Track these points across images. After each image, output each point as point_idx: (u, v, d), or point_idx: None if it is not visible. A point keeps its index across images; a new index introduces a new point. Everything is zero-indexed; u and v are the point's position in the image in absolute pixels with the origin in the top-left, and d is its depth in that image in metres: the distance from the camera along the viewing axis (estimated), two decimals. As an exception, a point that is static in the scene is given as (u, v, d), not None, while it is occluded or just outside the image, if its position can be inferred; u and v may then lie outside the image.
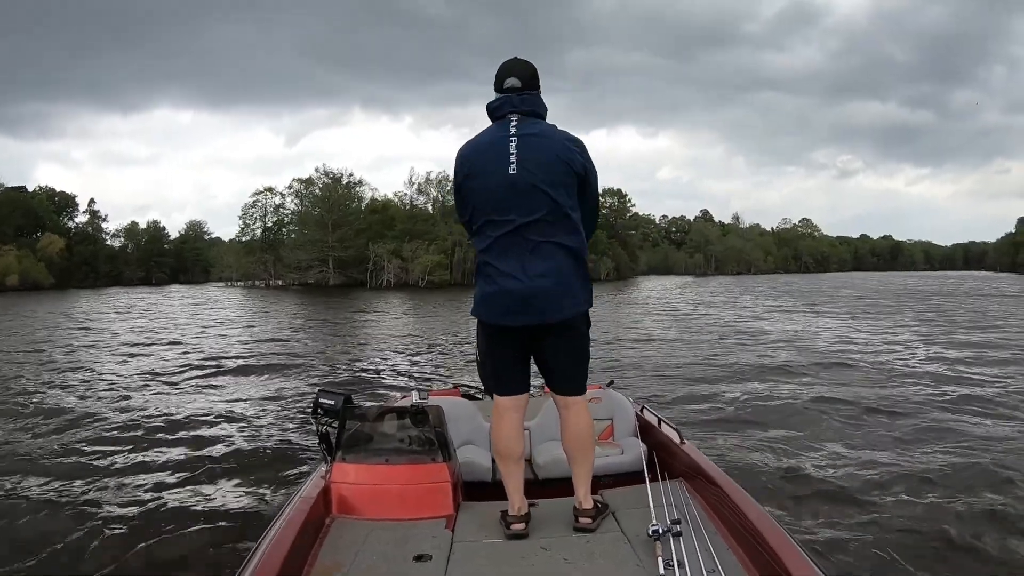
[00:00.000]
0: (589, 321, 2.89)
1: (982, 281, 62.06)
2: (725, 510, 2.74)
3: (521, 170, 2.66)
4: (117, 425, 7.57)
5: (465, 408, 3.99)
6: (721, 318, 23.21)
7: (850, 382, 9.94)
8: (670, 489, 3.01)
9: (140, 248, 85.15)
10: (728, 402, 8.65)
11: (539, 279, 2.66)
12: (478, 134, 2.86)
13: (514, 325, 2.75)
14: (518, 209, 2.66)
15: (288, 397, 9.40)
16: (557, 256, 2.69)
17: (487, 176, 2.72)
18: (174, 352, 14.97)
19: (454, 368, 11.95)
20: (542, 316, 2.70)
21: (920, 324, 19.37)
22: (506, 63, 2.89)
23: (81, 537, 4.42)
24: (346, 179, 74.61)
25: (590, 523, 2.74)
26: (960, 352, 12.98)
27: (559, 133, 2.78)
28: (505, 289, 2.70)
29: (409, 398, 3.68)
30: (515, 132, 2.71)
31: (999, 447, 6.24)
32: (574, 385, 2.88)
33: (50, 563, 4.11)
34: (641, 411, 4.18)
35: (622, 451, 3.73)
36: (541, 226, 2.67)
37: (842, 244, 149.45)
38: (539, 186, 2.65)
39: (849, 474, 5.53)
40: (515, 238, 2.68)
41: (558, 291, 2.69)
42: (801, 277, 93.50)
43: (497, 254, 2.72)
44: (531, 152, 2.67)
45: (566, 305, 2.72)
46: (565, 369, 2.84)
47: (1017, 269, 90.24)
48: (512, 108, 2.79)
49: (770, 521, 2.49)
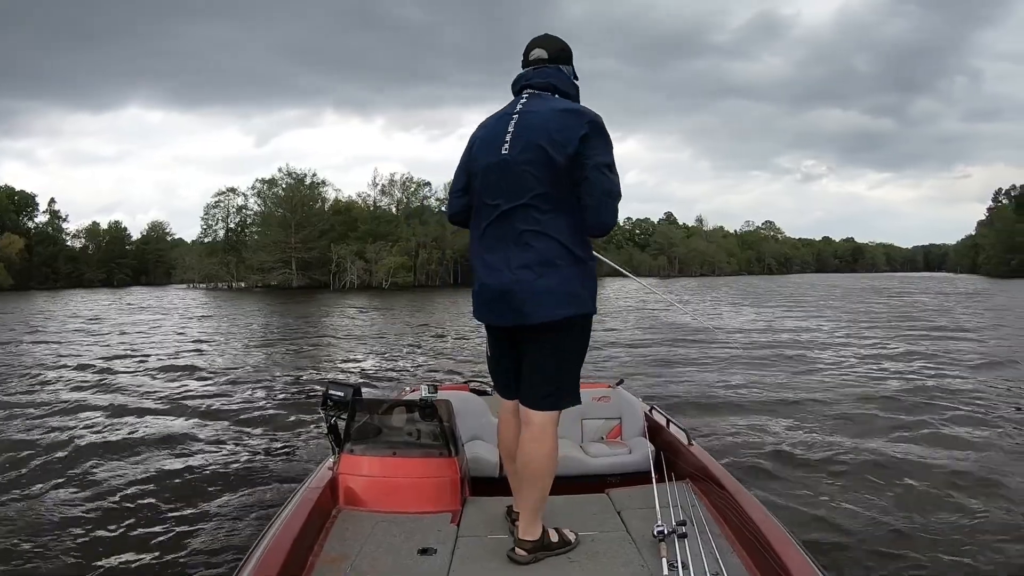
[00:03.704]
0: (584, 329, 2.51)
1: (947, 283, 61.42)
2: (731, 512, 2.70)
3: (512, 150, 2.40)
4: (111, 427, 7.44)
5: (474, 403, 3.94)
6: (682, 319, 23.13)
7: (855, 385, 9.73)
8: (676, 490, 3.00)
9: (101, 249, 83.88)
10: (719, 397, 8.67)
11: (521, 272, 2.37)
12: (496, 112, 2.62)
13: (493, 324, 2.57)
14: (506, 193, 2.41)
15: (294, 391, 9.46)
16: (543, 248, 2.37)
17: (484, 157, 2.48)
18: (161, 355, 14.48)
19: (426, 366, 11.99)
20: (520, 316, 2.40)
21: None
22: (535, 38, 2.64)
23: (83, 528, 4.44)
24: (309, 179, 74.06)
25: (524, 556, 2.44)
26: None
27: (560, 105, 2.46)
28: (485, 284, 2.48)
29: (418, 392, 3.66)
30: (519, 109, 2.47)
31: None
32: (541, 398, 2.48)
33: (55, 556, 4.08)
34: (650, 411, 4.15)
35: (630, 451, 3.71)
36: (528, 212, 2.38)
37: (805, 246, 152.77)
38: (527, 167, 2.37)
39: (861, 480, 5.42)
40: (501, 225, 2.43)
41: (542, 288, 2.36)
42: (764, 279, 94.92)
43: (484, 244, 2.49)
44: (524, 131, 2.41)
45: (548, 304, 2.36)
46: (537, 378, 2.48)
47: (977, 271, 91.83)
48: (526, 82, 2.56)
49: (776, 525, 2.47)
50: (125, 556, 4.04)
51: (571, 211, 2.38)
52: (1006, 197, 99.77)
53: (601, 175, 2.35)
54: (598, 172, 2.34)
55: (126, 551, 4.10)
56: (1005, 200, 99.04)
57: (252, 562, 2.22)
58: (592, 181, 2.34)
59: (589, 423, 4.01)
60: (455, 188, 2.66)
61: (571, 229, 2.39)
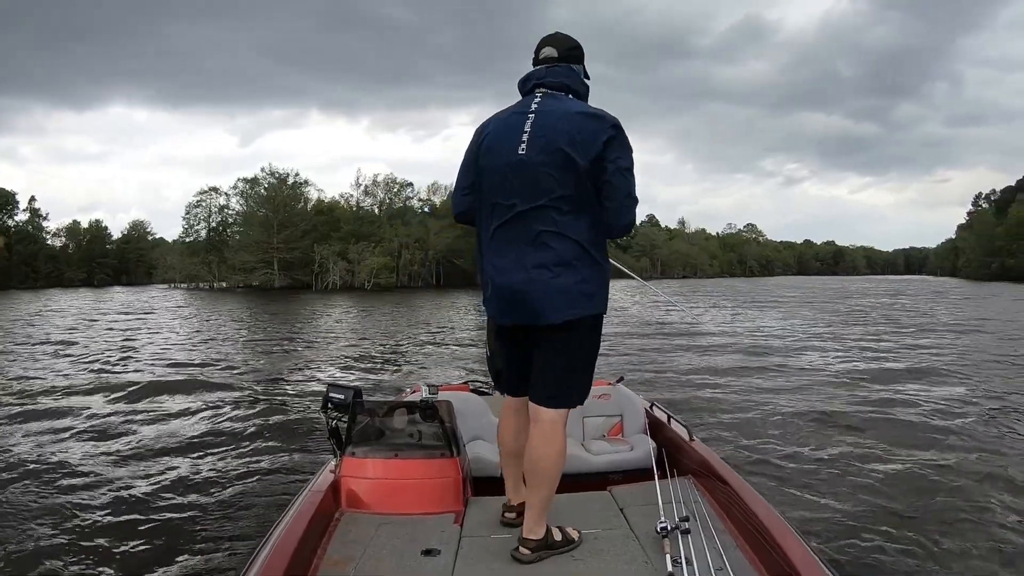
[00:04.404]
0: (596, 328, 2.54)
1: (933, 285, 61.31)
2: (734, 508, 2.71)
3: (529, 150, 2.39)
4: (105, 430, 7.35)
5: (475, 403, 3.95)
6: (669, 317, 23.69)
7: (851, 384, 9.85)
8: (679, 486, 3.00)
9: (82, 248, 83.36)
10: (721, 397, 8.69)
11: (537, 271, 2.39)
12: (504, 109, 2.59)
13: (507, 324, 2.58)
14: (521, 194, 2.40)
15: (292, 394, 9.40)
16: (561, 249, 2.38)
17: (497, 156, 2.46)
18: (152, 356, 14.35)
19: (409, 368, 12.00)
20: (536, 316, 2.42)
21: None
22: (545, 36, 2.63)
23: (81, 532, 4.44)
24: (292, 179, 73.44)
25: (528, 555, 2.43)
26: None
27: (579, 108, 2.46)
28: (498, 284, 2.47)
29: (419, 393, 3.62)
30: (535, 108, 2.45)
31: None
32: (552, 396, 2.50)
33: (51, 559, 4.08)
34: (651, 408, 4.16)
35: (631, 448, 3.73)
36: (547, 214, 2.38)
37: (786, 249, 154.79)
38: (546, 169, 2.37)
39: (862, 473, 5.45)
40: (516, 226, 2.42)
41: (557, 288, 2.38)
42: (746, 281, 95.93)
43: (497, 244, 2.48)
44: (543, 131, 2.39)
45: (563, 304, 2.39)
46: (548, 376, 2.50)
47: (957, 273, 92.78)
48: (538, 81, 2.54)
49: (779, 519, 2.47)
50: (126, 562, 4.04)
51: (590, 213, 2.41)
52: (986, 201, 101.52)
53: (623, 178, 2.39)
54: (620, 176, 2.39)
55: (127, 556, 4.11)
56: (985, 204, 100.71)
57: (256, 566, 2.21)
58: (615, 185, 2.38)
59: (590, 421, 4.03)
60: (461, 186, 2.64)
61: (590, 231, 2.42)
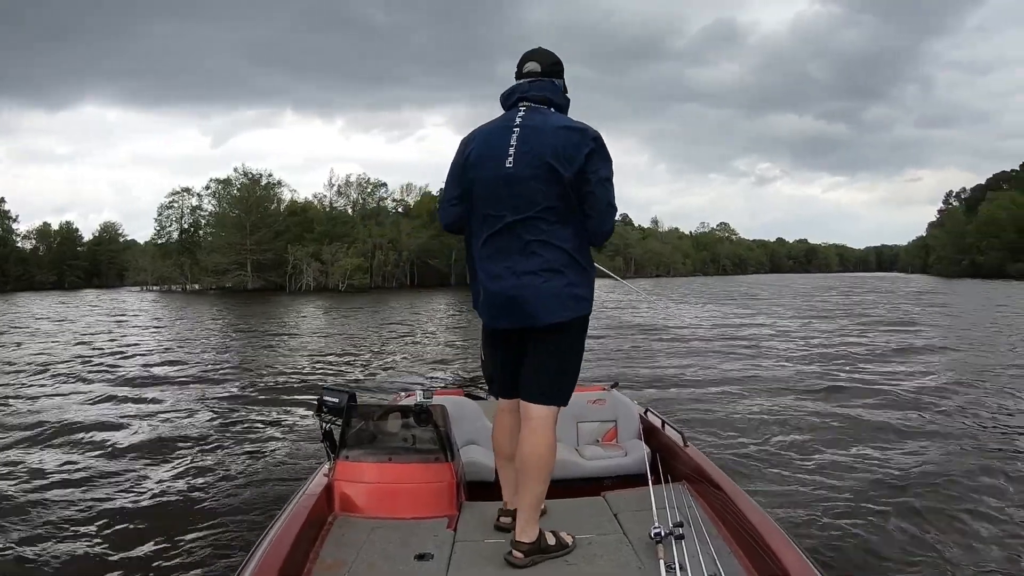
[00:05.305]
0: (583, 329, 2.66)
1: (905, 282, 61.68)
2: (728, 513, 2.71)
3: (517, 164, 2.49)
4: (99, 434, 7.38)
5: (469, 408, 3.96)
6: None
7: (848, 386, 9.89)
8: (673, 492, 3.00)
9: (52, 250, 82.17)
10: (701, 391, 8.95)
11: (527, 277, 2.50)
12: (488, 121, 2.68)
13: (500, 328, 2.65)
14: (511, 205, 2.50)
15: (289, 397, 9.49)
16: (549, 256, 2.50)
17: (485, 168, 2.56)
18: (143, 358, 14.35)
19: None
20: (528, 319, 2.53)
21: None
22: (528, 51, 2.72)
23: (75, 537, 4.47)
24: (265, 180, 72.92)
25: (521, 559, 2.47)
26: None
27: (562, 122, 2.57)
28: (491, 290, 2.57)
29: (413, 397, 3.59)
30: (520, 123, 2.55)
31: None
32: (543, 393, 2.60)
33: (46, 563, 4.13)
34: (645, 413, 4.17)
35: (625, 453, 3.72)
36: (535, 224, 2.50)
37: (759, 247, 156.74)
38: (533, 182, 2.48)
39: (855, 478, 5.50)
40: (506, 236, 2.53)
41: (548, 292, 2.50)
42: (719, 279, 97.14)
43: (487, 253, 2.57)
44: (529, 146, 2.50)
45: (554, 308, 2.51)
46: (540, 375, 2.60)
47: (928, 271, 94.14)
48: (522, 95, 2.63)
49: (773, 525, 2.48)
50: (120, 567, 4.06)
51: (575, 222, 2.54)
52: (956, 199, 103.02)
53: (604, 189, 2.53)
54: (602, 186, 2.53)
55: (121, 562, 4.12)
56: (956, 202, 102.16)
57: (248, 570, 2.22)
58: (597, 195, 2.52)
59: (584, 426, 4.03)
60: (448, 197, 2.73)
61: (575, 238, 2.54)
